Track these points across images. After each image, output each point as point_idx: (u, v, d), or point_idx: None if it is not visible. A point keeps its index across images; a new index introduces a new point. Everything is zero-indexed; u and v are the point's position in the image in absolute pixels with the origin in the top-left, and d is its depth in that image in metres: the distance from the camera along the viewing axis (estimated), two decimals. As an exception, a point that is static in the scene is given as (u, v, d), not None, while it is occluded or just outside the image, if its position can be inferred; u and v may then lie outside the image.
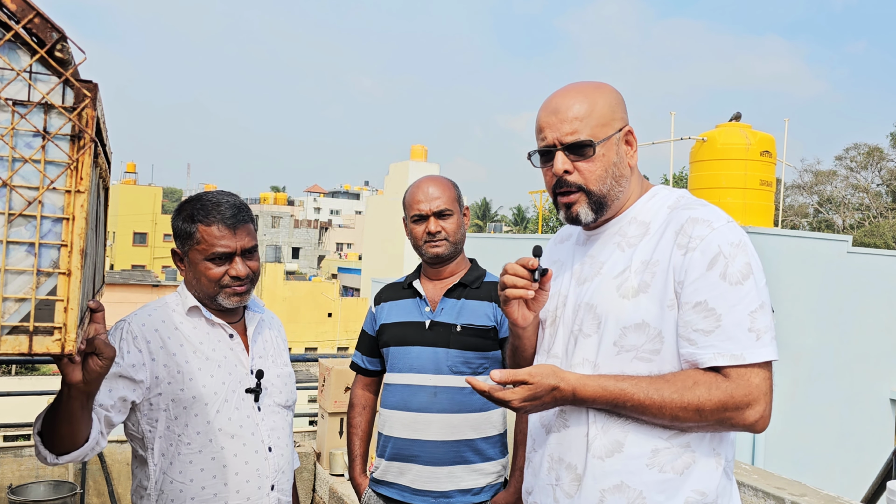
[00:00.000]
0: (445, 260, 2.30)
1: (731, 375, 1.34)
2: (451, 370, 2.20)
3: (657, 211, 1.50)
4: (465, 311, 2.24)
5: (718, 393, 1.33)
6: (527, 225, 41.97)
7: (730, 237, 1.38)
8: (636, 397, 1.36)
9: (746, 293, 1.35)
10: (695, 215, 1.42)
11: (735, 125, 10.13)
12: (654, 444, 1.39)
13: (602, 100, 1.49)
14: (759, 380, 1.34)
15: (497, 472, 2.26)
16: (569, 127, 1.46)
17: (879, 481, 4.35)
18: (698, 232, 1.38)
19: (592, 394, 1.38)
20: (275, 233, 53.42)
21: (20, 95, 1.02)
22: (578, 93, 1.49)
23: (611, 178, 1.48)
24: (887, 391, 9.35)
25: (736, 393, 1.33)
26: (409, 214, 2.31)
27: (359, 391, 2.49)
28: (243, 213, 1.82)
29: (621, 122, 1.51)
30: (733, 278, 1.35)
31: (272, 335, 2.00)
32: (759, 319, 1.35)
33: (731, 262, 1.36)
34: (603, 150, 1.47)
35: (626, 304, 1.42)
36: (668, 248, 1.41)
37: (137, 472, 1.80)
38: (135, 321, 1.78)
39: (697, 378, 1.35)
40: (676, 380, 1.36)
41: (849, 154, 34.08)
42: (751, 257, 1.38)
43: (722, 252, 1.36)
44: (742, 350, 1.34)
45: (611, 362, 1.42)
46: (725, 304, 1.35)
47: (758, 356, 1.34)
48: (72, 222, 1.04)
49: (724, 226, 1.39)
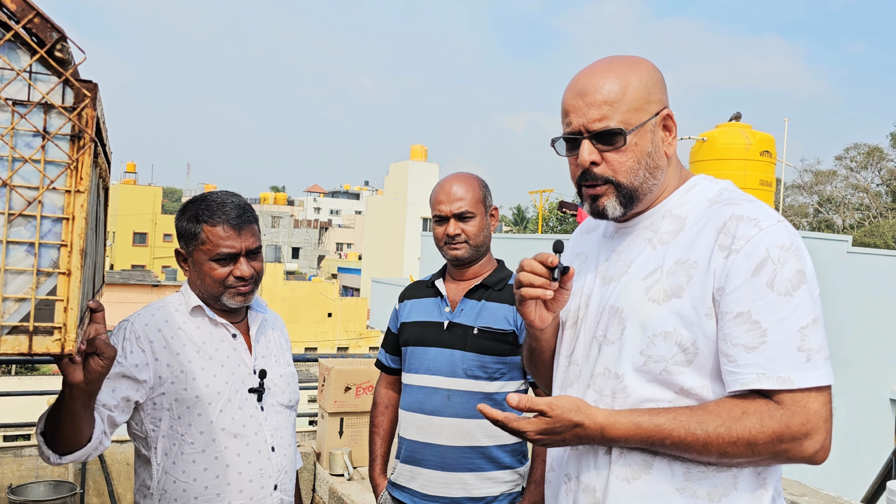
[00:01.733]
0: (467, 262, 2.26)
1: (786, 402, 1.16)
2: (466, 373, 2.14)
3: (696, 204, 1.33)
4: (484, 313, 2.19)
5: (772, 423, 1.15)
6: (527, 225, 41.97)
7: (780, 239, 1.20)
8: (676, 434, 1.18)
9: (797, 305, 1.18)
10: (740, 212, 1.24)
11: (735, 125, 10.14)
12: (686, 466, 1.22)
13: (636, 79, 1.30)
14: (817, 405, 1.16)
15: (514, 482, 2.18)
16: (597, 112, 1.29)
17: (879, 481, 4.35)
18: (743, 231, 1.21)
19: (624, 432, 1.21)
20: (275, 233, 53.43)
21: (20, 95, 1.02)
22: (609, 71, 1.31)
23: (644, 169, 1.31)
24: (887, 391, 9.36)
25: (792, 422, 1.15)
26: (432, 214, 2.27)
27: (382, 390, 2.46)
28: (248, 214, 1.82)
29: (658, 104, 1.32)
30: (782, 287, 1.18)
31: (275, 335, 2.00)
32: (812, 337, 1.17)
33: (780, 269, 1.18)
34: (636, 138, 1.29)
35: (656, 308, 1.25)
36: (707, 248, 1.24)
37: (140, 471, 1.80)
38: (138, 321, 1.78)
39: (747, 407, 1.17)
40: (721, 410, 1.18)
41: (849, 154, 34.12)
42: (804, 263, 1.21)
43: (770, 256, 1.19)
44: (790, 372, 1.16)
45: (636, 375, 1.26)
46: (772, 317, 1.17)
47: (808, 380, 1.16)
48: (72, 222, 1.04)
49: (773, 225, 1.22)
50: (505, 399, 1.24)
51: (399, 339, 2.36)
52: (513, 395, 1.22)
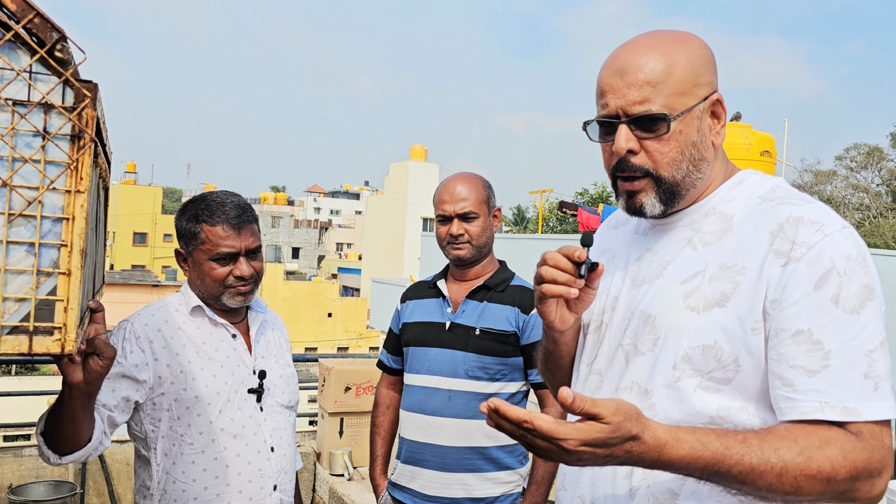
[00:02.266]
0: (469, 262, 2.26)
1: (864, 434, 1.01)
2: (467, 374, 2.14)
3: (744, 202, 1.18)
4: (486, 314, 2.19)
5: (855, 455, 1.00)
6: (527, 225, 41.96)
7: (847, 248, 1.05)
8: (747, 461, 0.98)
9: (864, 325, 1.03)
10: (799, 213, 1.09)
11: (735, 125, 10.14)
12: (719, 499, 1.08)
13: (684, 58, 1.14)
14: (890, 441, 1.03)
15: (515, 482, 2.19)
16: (637, 94, 1.13)
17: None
18: (805, 237, 1.06)
19: (688, 453, 0.99)
20: (275, 233, 53.43)
21: (20, 95, 1.02)
22: (653, 49, 1.15)
23: (688, 161, 1.16)
24: (887, 391, 9.35)
25: (872, 458, 1.01)
26: (435, 213, 2.27)
27: (383, 390, 2.46)
28: (248, 214, 1.83)
29: (708, 87, 1.17)
30: (849, 304, 1.03)
31: (275, 335, 2.00)
32: (879, 362, 1.03)
33: (847, 282, 1.03)
34: (681, 125, 1.14)
35: (696, 318, 1.11)
36: (760, 253, 1.09)
37: (140, 471, 1.80)
38: (137, 321, 1.78)
39: (827, 436, 1.01)
40: (798, 436, 1.01)
41: (849, 154, 34.11)
42: (872, 277, 1.05)
43: (836, 268, 1.04)
44: (857, 402, 1.01)
45: (667, 392, 1.11)
46: (837, 338, 1.02)
47: (876, 412, 1.01)
48: (72, 222, 1.04)
49: (838, 231, 1.06)
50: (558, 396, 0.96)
51: (400, 339, 2.36)
52: (566, 389, 0.95)
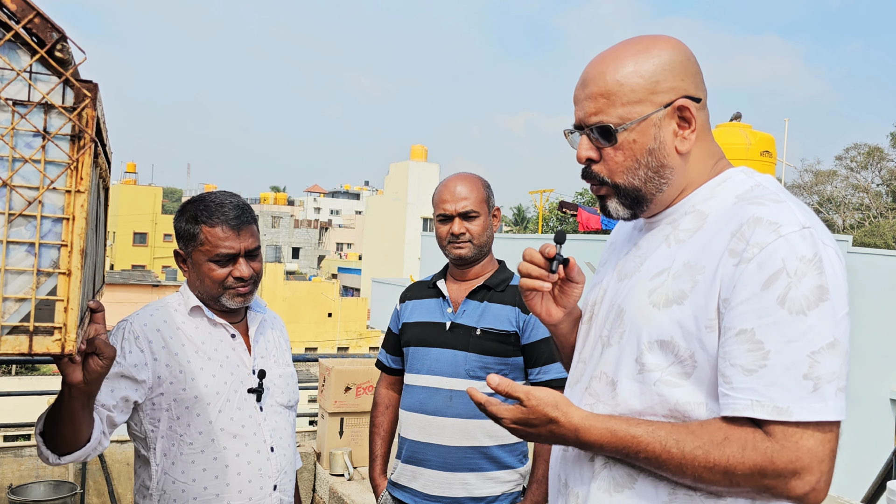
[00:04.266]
0: (470, 262, 2.26)
1: (776, 434, 1.03)
2: (468, 374, 2.15)
3: (722, 201, 1.18)
4: (486, 314, 2.19)
5: (755, 455, 1.03)
6: (527, 225, 41.96)
7: (800, 249, 1.04)
8: (651, 449, 1.08)
9: (811, 327, 1.02)
10: (760, 214, 1.09)
11: (735, 125, 10.14)
12: (672, 488, 1.12)
13: (645, 67, 1.16)
14: (812, 443, 1.02)
15: (515, 481, 2.19)
16: (592, 105, 1.18)
17: (879, 481, 4.35)
18: (759, 237, 1.06)
19: (599, 438, 1.12)
20: (275, 233, 53.43)
21: (20, 95, 1.02)
22: (613, 59, 1.18)
23: (645, 168, 1.18)
24: (887, 391, 9.36)
25: (778, 458, 1.02)
26: (435, 213, 2.27)
27: (382, 390, 2.46)
28: (247, 214, 1.82)
29: (670, 94, 1.17)
30: (796, 305, 1.02)
31: (274, 335, 2.00)
32: (823, 364, 1.01)
33: (796, 284, 1.03)
34: (634, 134, 1.17)
35: (655, 314, 1.14)
36: (718, 253, 1.10)
37: (140, 471, 1.80)
38: (136, 321, 1.78)
39: (730, 433, 1.05)
40: (704, 432, 1.06)
41: (849, 154, 34.10)
42: (828, 279, 1.04)
43: (786, 269, 1.03)
44: (790, 402, 1.01)
45: (630, 384, 1.16)
46: (778, 338, 1.02)
47: (811, 413, 1.01)
48: (72, 222, 1.04)
49: (795, 232, 1.05)
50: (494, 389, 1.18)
51: (400, 339, 2.36)
52: (494, 375, 1.15)
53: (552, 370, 2.15)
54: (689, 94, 1.18)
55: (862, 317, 9.06)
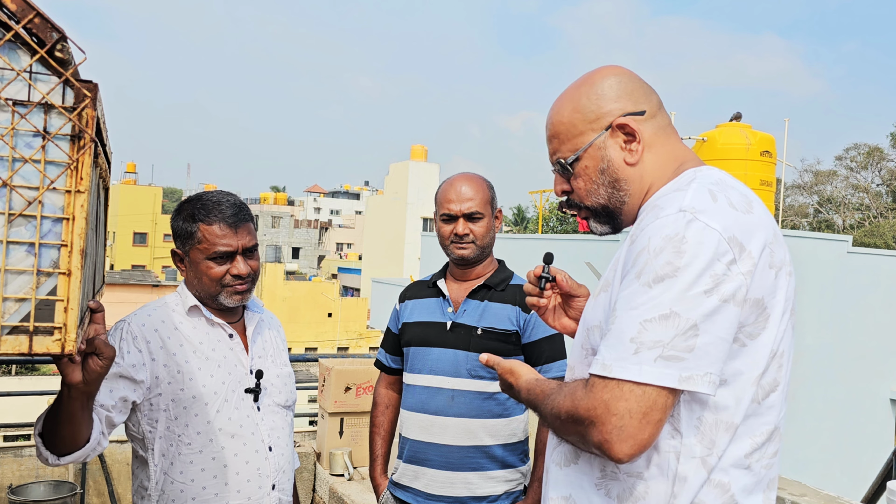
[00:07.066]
0: (472, 262, 2.26)
1: (591, 386, 1.11)
2: (469, 374, 2.15)
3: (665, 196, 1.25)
4: (487, 313, 2.19)
5: (568, 401, 1.14)
6: (527, 225, 41.95)
7: (667, 229, 1.11)
8: (537, 401, 1.25)
9: (653, 297, 1.08)
10: (657, 202, 1.20)
11: (735, 125, 10.14)
12: (602, 462, 1.21)
13: (581, 101, 1.29)
14: (609, 396, 1.07)
15: (517, 480, 2.20)
16: (550, 147, 1.35)
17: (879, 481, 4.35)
18: (645, 222, 1.16)
19: (525, 396, 1.31)
20: (275, 233, 53.42)
21: (20, 95, 1.02)
22: (559, 102, 1.34)
23: (603, 187, 1.30)
24: (887, 391, 9.36)
25: (580, 404, 1.11)
26: (439, 213, 2.27)
27: (382, 390, 2.46)
28: (244, 213, 1.83)
29: (608, 117, 1.27)
30: (647, 278, 1.09)
31: (272, 335, 2.00)
32: (652, 332, 1.07)
33: (651, 259, 1.10)
34: (584, 161, 1.29)
35: (591, 303, 1.29)
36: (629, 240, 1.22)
37: (138, 472, 1.80)
38: (134, 321, 1.78)
39: (572, 385, 1.18)
40: (566, 385, 1.20)
41: (849, 154, 34.12)
42: (685, 258, 1.08)
43: (649, 246, 1.11)
44: (613, 361, 1.09)
45: (580, 368, 1.28)
46: (624, 306, 1.11)
47: (624, 372, 1.07)
48: (72, 222, 1.04)
49: (671, 215, 1.12)
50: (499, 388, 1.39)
51: (400, 339, 2.35)
52: (484, 353, 1.40)
53: (553, 368, 2.16)
54: (628, 111, 1.28)
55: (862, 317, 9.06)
